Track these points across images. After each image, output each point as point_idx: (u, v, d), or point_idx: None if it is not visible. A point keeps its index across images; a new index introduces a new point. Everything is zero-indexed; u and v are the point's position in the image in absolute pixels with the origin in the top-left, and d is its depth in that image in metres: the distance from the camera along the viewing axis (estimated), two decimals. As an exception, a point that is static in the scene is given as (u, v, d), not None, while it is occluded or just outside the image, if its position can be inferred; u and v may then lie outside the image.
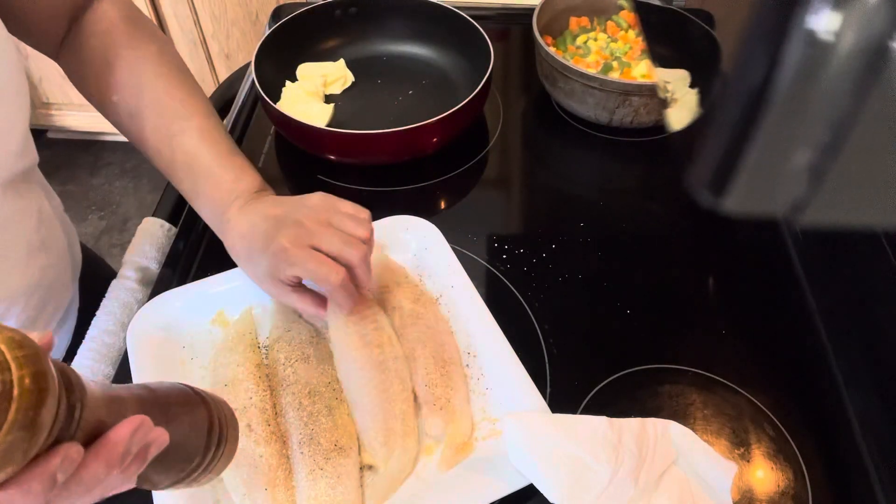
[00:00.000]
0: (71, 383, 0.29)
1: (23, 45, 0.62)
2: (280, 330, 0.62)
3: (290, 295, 0.59)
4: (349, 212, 0.59)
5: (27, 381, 0.26)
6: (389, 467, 0.53)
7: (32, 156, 0.63)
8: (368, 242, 0.58)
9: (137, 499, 0.53)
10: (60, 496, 0.29)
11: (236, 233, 0.60)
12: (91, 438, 0.31)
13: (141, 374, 0.58)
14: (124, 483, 0.33)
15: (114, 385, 0.34)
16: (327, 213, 0.58)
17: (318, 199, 0.60)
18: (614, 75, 0.82)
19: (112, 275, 0.71)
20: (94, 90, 0.64)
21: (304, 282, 0.60)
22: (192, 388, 0.39)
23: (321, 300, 0.60)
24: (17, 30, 0.58)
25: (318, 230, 0.57)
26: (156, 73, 0.63)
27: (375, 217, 0.70)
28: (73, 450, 0.29)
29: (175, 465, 0.37)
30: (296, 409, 0.55)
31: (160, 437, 0.33)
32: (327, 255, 0.56)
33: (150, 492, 0.51)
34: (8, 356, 0.26)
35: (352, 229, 0.58)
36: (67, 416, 0.29)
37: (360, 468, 0.55)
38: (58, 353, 0.72)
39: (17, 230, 0.59)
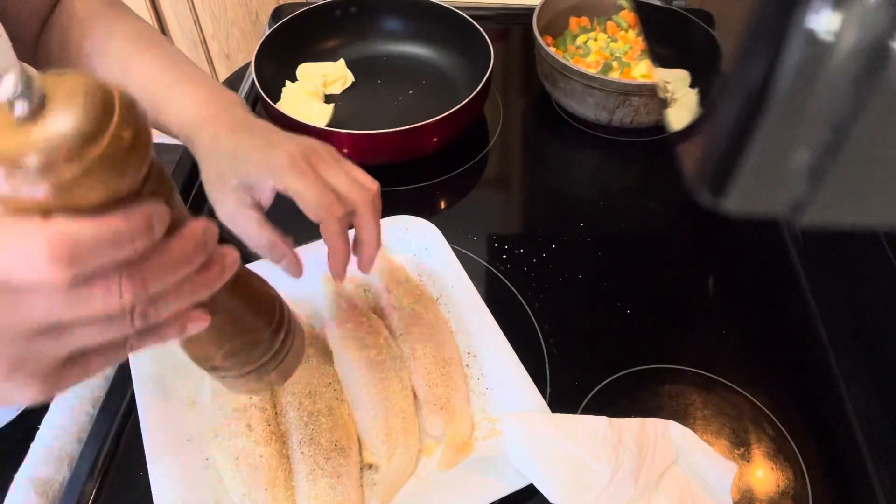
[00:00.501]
0: (163, 171, 0.30)
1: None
2: None
3: (247, 211, 0.51)
4: (355, 166, 0.54)
5: (128, 108, 0.27)
6: (392, 466, 0.53)
7: None
8: (376, 197, 0.53)
9: (141, 496, 0.53)
10: (156, 266, 0.29)
11: (226, 128, 0.53)
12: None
13: (141, 375, 0.58)
14: (209, 289, 0.32)
15: None
16: (334, 155, 0.53)
17: (320, 143, 0.54)
18: (614, 75, 0.82)
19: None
20: (67, 49, 0.61)
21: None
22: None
23: (276, 232, 0.53)
24: None
25: (329, 160, 0.52)
26: (125, 21, 0.61)
27: (375, 217, 0.70)
28: (163, 207, 0.29)
29: (248, 328, 0.37)
30: (296, 409, 0.55)
31: (234, 253, 0.33)
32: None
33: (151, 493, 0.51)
34: (117, 99, 0.27)
35: (360, 175, 0.52)
36: (157, 187, 0.29)
37: (361, 468, 0.55)
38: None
39: None
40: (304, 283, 0.60)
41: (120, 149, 0.26)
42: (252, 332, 0.37)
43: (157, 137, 0.65)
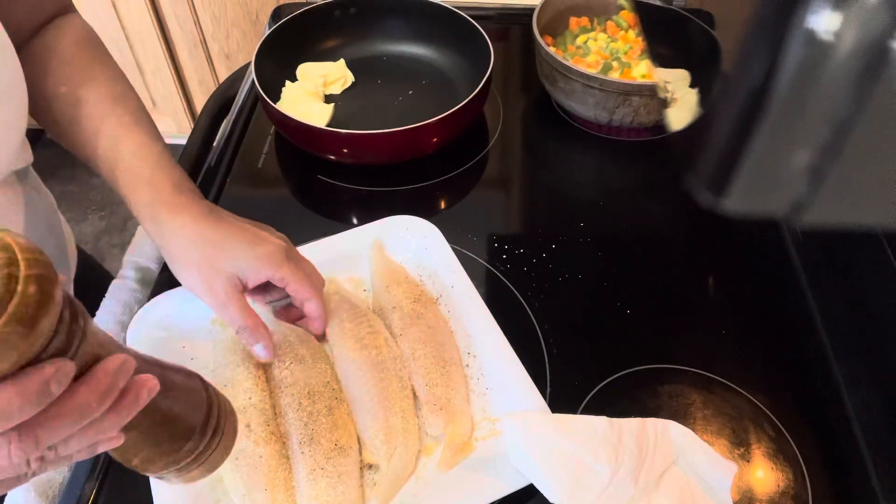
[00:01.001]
0: (76, 310, 0.30)
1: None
2: None
3: (239, 299, 0.56)
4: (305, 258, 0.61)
5: (33, 280, 0.26)
6: (392, 465, 0.53)
7: (28, 156, 0.63)
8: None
9: (141, 496, 0.53)
10: (53, 421, 0.30)
11: (205, 218, 0.56)
12: (85, 372, 0.31)
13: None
14: (117, 425, 0.33)
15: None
16: (294, 248, 0.60)
17: (280, 234, 0.61)
18: (614, 75, 0.82)
19: (109, 277, 0.71)
20: (43, 88, 0.61)
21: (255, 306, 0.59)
22: (198, 375, 0.40)
23: (257, 316, 0.58)
24: None
25: (301, 258, 0.60)
26: (105, 73, 0.62)
27: (375, 217, 0.70)
28: (68, 364, 0.29)
29: (168, 438, 0.36)
30: (295, 409, 0.55)
31: (151, 382, 0.34)
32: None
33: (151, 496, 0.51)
34: (19, 255, 0.27)
35: (312, 268, 0.60)
36: (67, 338, 0.29)
37: (361, 468, 0.55)
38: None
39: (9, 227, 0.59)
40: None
41: (22, 319, 0.26)
42: (172, 442, 0.37)
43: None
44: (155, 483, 0.52)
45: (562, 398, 0.60)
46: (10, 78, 0.53)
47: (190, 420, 0.37)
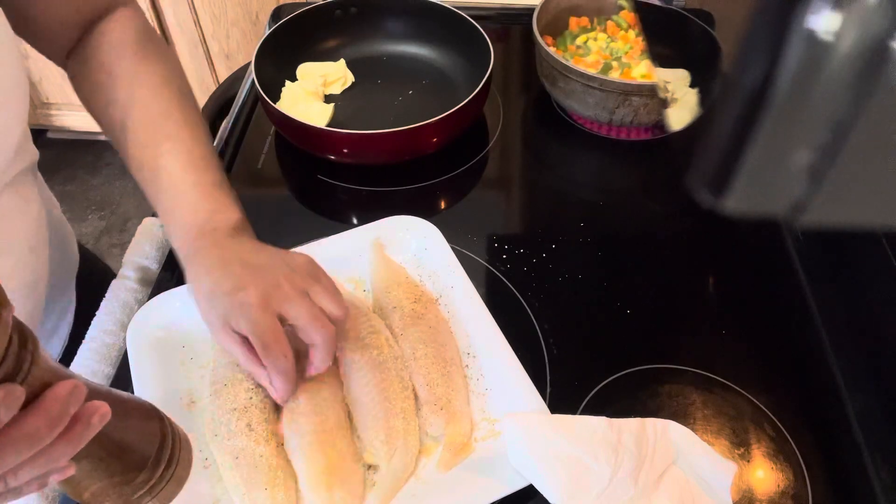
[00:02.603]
0: (25, 337, 0.30)
1: (24, 44, 0.62)
2: None
3: (235, 344, 0.54)
4: (329, 287, 0.55)
5: None
6: (392, 465, 0.53)
7: (31, 155, 0.62)
8: (339, 323, 0.55)
9: None
10: (1, 450, 0.29)
11: (205, 266, 0.55)
12: (34, 400, 0.31)
13: (141, 374, 0.58)
14: (68, 454, 0.32)
15: (75, 367, 0.34)
16: (306, 282, 0.54)
17: (302, 261, 0.56)
18: (614, 75, 0.82)
19: (111, 275, 0.71)
20: (94, 99, 0.63)
21: None
22: (152, 405, 0.39)
23: (258, 361, 0.55)
24: (26, 33, 0.58)
25: (292, 297, 0.53)
26: (154, 91, 0.62)
27: (375, 217, 0.70)
28: (17, 390, 0.29)
29: (121, 470, 0.36)
30: (293, 409, 0.56)
31: (103, 408, 0.33)
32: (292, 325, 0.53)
33: None
34: None
35: (327, 305, 0.54)
36: (16, 363, 0.29)
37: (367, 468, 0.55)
38: (55, 353, 0.72)
39: (12, 230, 0.59)
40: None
41: None
42: (125, 474, 0.36)
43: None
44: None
45: (562, 398, 0.60)
46: (10, 75, 0.53)
47: (143, 451, 0.37)
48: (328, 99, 0.88)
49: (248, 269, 0.54)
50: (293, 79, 0.88)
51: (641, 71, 0.83)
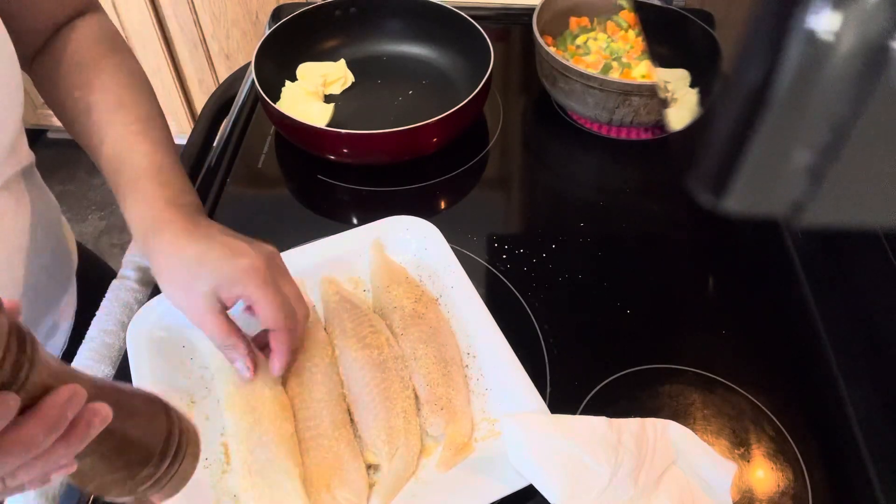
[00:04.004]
0: (24, 339, 0.29)
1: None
2: None
3: (217, 316, 0.53)
4: (293, 282, 0.56)
5: None
6: (393, 465, 0.53)
7: (25, 158, 0.62)
8: (305, 318, 0.57)
9: None
10: (1, 455, 0.29)
11: (185, 235, 0.54)
12: (34, 403, 0.31)
13: (141, 375, 0.58)
14: (68, 455, 0.32)
15: (75, 367, 0.34)
16: (285, 267, 0.56)
17: (273, 249, 0.56)
18: (614, 75, 0.82)
19: (111, 274, 0.71)
20: (57, 88, 0.62)
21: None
22: (160, 398, 0.39)
23: (238, 334, 0.55)
24: None
25: (284, 273, 0.55)
26: (118, 79, 0.61)
27: (375, 217, 0.70)
28: (10, 398, 0.29)
29: (125, 465, 0.36)
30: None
31: (103, 411, 0.33)
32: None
33: None
34: None
35: (296, 294, 0.55)
36: (13, 369, 0.29)
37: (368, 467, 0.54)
38: (55, 353, 0.72)
39: (11, 230, 0.59)
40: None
41: None
42: (128, 469, 0.36)
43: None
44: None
45: (562, 398, 0.60)
46: (4, 73, 0.53)
47: (147, 446, 0.37)
48: (328, 99, 0.88)
49: (235, 240, 0.54)
50: (293, 79, 0.88)
51: (641, 71, 0.83)
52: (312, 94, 0.86)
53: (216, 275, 0.52)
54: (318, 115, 0.83)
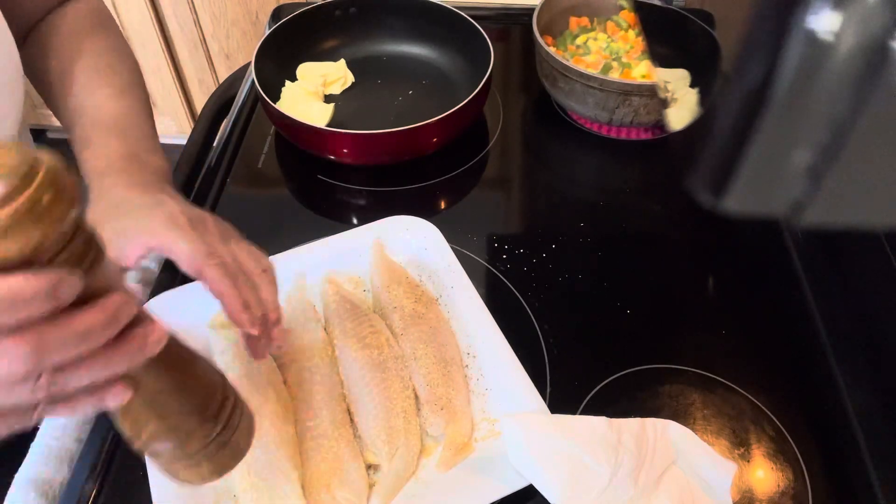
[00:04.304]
0: (91, 235, 0.30)
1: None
2: None
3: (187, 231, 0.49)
4: (251, 246, 0.53)
5: (54, 172, 0.27)
6: (393, 465, 0.53)
7: None
8: (270, 269, 0.52)
9: (141, 496, 0.53)
10: (56, 331, 0.28)
11: (129, 182, 0.52)
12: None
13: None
14: (122, 365, 0.31)
15: None
16: (231, 234, 0.52)
17: (215, 216, 0.54)
18: (614, 75, 0.82)
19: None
20: (38, 60, 0.62)
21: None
22: (218, 369, 0.38)
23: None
24: None
25: (216, 234, 0.51)
26: (101, 50, 0.62)
27: (375, 217, 0.70)
28: (77, 275, 0.28)
29: (177, 411, 0.35)
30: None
31: (159, 331, 0.32)
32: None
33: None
34: (45, 156, 0.28)
35: (254, 251, 0.52)
36: (79, 256, 0.29)
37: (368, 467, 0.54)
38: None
39: None
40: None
41: (34, 211, 0.26)
42: (180, 416, 0.35)
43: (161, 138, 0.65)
44: (154, 483, 0.51)
45: (562, 398, 0.60)
46: (4, 69, 0.53)
47: (202, 397, 0.36)
48: (328, 99, 0.88)
49: (174, 199, 0.52)
50: (293, 79, 0.88)
51: (641, 71, 0.83)
52: (312, 94, 0.86)
53: (125, 221, 0.50)
54: (318, 115, 0.83)
